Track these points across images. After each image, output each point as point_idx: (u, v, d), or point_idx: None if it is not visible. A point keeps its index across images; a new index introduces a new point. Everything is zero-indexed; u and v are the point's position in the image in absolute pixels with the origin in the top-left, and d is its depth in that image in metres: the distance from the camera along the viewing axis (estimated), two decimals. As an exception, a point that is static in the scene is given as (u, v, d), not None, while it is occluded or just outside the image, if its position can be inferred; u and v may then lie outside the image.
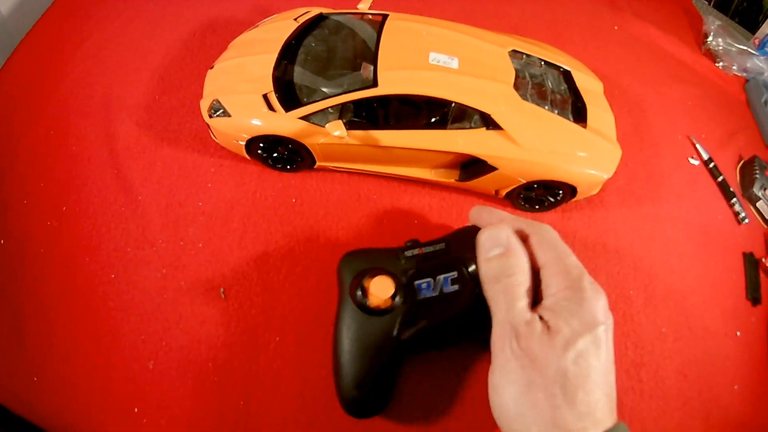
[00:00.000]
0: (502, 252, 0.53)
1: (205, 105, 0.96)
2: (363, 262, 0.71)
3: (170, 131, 1.07)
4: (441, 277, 0.64)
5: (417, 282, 0.64)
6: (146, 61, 1.19)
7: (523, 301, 0.50)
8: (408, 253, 0.69)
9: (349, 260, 0.75)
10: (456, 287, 0.63)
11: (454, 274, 0.64)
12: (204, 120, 0.97)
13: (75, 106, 1.13)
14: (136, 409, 0.81)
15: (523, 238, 0.56)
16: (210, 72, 1.01)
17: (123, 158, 1.04)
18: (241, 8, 1.32)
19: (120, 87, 1.15)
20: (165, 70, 1.17)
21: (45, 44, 1.24)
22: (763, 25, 1.39)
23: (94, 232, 0.97)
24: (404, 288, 0.65)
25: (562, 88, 1.00)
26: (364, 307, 0.65)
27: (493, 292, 0.54)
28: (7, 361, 0.85)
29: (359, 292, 0.65)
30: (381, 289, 0.63)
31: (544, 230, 0.55)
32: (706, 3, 1.61)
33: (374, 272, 0.65)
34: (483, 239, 0.57)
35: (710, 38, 1.40)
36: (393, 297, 0.63)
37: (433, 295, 0.63)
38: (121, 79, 1.16)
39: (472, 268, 0.63)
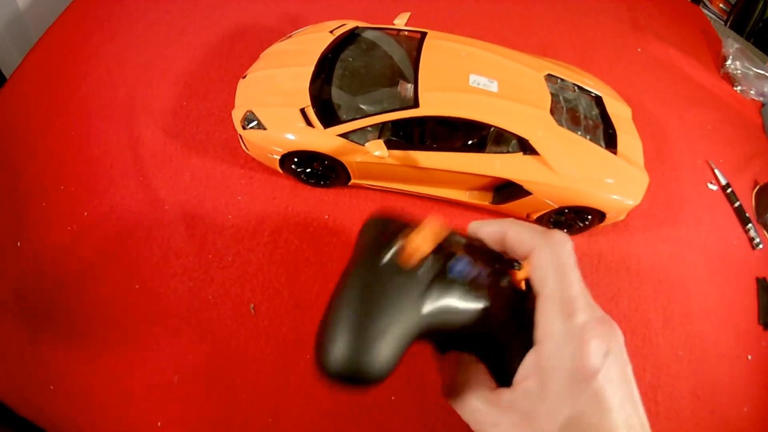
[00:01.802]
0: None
1: (237, 116, 0.96)
2: (399, 225, 0.59)
3: (198, 140, 1.06)
4: (480, 268, 0.52)
5: (452, 263, 0.51)
6: (172, 65, 1.17)
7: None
8: (454, 237, 0.58)
9: (381, 221, 0.59)
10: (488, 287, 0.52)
11: (492, 271, 0.53)
12: (236, 130, 0.97)
13: (97, 108, 1.11)
14: (159, 423, 0.81)
15: (525, 254, 0.43)
16: (242, 82, 1.00)
17: (148, 165, 1.03)
18: (270, 16, 1.31)
19: (144, 90, 1.13)
20: (192, 75, 1.16)
21: (65, 42, 1.22)
22: (780, 50, 1.43)
23: (118, 239, 0.96)
24: (442, 257, 0.52)
25: (594, 113, 1.02)
26: (388, 263, 0.51)
27: None
28: (22, 368, 0.84)
29: (389, 247, 0.51)
30: (423, 240, 0.50)
31: (552, 245, 0.40)
32: (723, 24, 1.64)
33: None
34: None
35: (729, 61, 1.43)
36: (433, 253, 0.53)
37: (465, 281, 0.50)
38: (146, 83, 1.14)
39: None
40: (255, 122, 0.93)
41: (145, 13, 1.27)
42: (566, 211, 0.96)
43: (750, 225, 1.17)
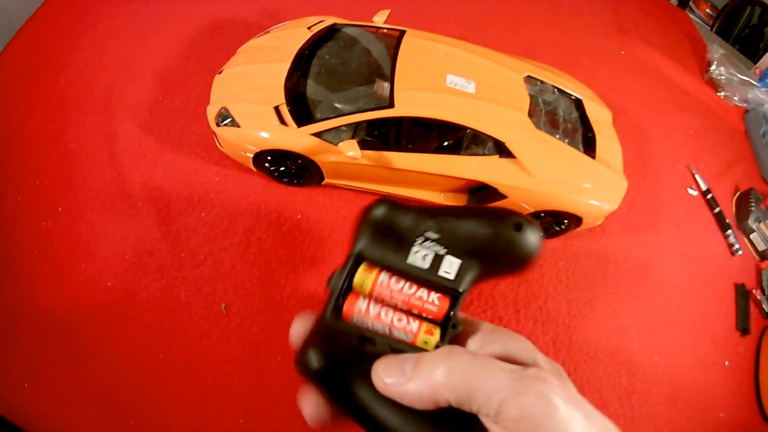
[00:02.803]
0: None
1: (212, 112, 0.92)
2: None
3: (173, 135, 1.03)
4: None
5: None
6: (150, 58, 1.14)
7: None
8: None
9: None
10: None
11: None
12: (210, 126, 0.94)
13: (75, 101, 1.07)
14: (132, 423, 0.78)
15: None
16: (218, 77, 0.97)
17: (123, 160, 1.00)
18: (250, 10, 1.27)
19: (122, 84, 1.10)
20: (169, 69, 1.12)
21: (46, 32, 1.18)
22: (765, 56, 1.40)
23: (92, 236, 0.93)
24: None
25: (573, 116, 0.99)
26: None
27: None
28: None
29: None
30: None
31: (533, 394, 0.28)
32: (709, 29, 1.61)
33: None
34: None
35: (713, 67, 1.41)
36: None
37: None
38: (124, 76, 1.11)
39: None
40: (229, 119, 0.90)
41: (126, 4, 1.23)
42: (542, 215, 0.94)
43: (730, 231, 1.15)
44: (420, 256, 0.31)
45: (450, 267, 0.31)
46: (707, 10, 1.66)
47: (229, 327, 0.86)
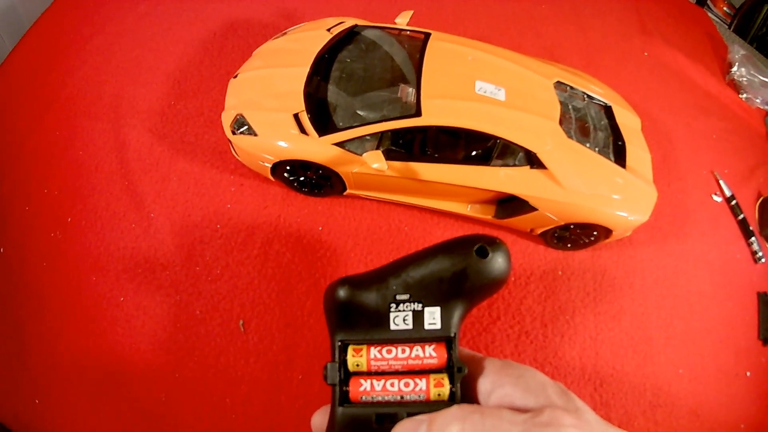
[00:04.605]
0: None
1: (227, 119, 0.84)
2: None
3: (186, 142, 0.95)
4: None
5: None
6: (161, 61, 1.05)
7: None
8: None
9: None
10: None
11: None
12: (225, 134, 0.86)
13: (83, 107, 1.00)
14: (143, 442, 0.73)
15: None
16: (233, 81, 0.89)
17: (134, 169, 0.93)
18: (265, 10, 1.17)
19: (132, 88, 1.01)
20: (181, 73, 1.04)
21: (54, 34, 1.10)
22: (786, 57, 1.32)
23: (102, 248, 0.86)
24: None
25: (603, 123, 0.92)
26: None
27: None
28: (8, 379, 0.77)
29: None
30: None
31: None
32: (727, 27, 1.52)
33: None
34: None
35: (734, 68, 1.32)
36: None
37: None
38: (134, 80, 1.02)
39: None
40: (245, 127, 0.83)
41: (136, 5, 1.14)
42: (572, 227, 0.86)
43: (753, 238, 1.08)
44: (400, 320, 0.30)
45: (432, 317, 0.30)
46: (725, 8, 1.57)
47: (248, 345, 0.79)
